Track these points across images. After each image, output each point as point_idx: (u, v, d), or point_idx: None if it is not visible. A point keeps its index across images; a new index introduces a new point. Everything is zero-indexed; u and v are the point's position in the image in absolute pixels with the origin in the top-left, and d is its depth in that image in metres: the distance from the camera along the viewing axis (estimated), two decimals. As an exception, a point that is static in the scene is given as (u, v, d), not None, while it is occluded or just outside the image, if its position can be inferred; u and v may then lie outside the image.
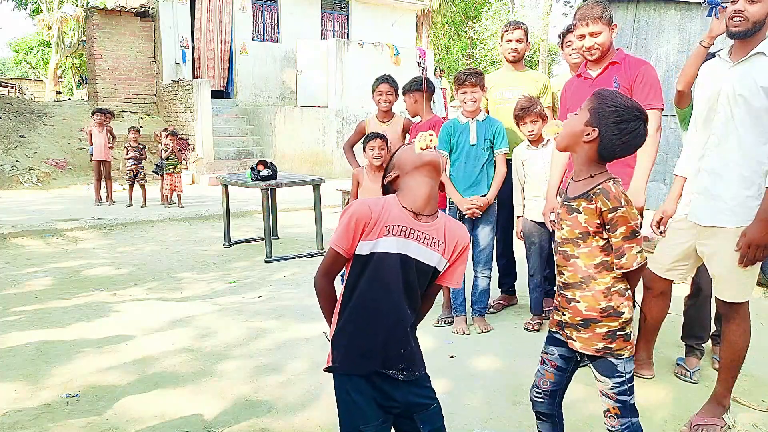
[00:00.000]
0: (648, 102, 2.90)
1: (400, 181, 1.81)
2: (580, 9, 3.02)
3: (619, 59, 3.00)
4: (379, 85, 4.31)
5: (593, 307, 1.92)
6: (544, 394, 2.13)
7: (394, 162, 1.85)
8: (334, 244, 1.71)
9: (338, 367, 1.76)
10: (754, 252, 2.43)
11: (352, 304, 1.74)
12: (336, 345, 1.76)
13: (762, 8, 2.44)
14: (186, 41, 14.13)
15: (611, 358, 1.93)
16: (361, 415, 1.73)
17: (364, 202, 1.73)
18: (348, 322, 1.74)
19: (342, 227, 1.69)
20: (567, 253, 1.98)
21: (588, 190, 1.88)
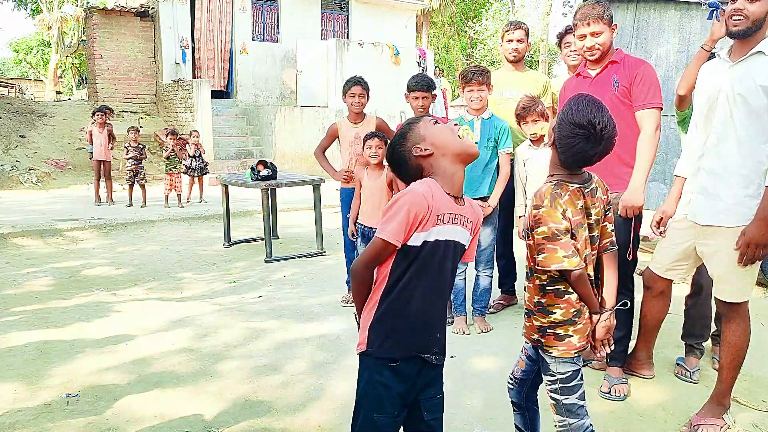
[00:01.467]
0: (647, 101, 2.90)
1: (433, 162, 1.76)
2: (580, 9, 3.01)
3: (619, 59, 3.00)
4: (351, 87, 4.26)
5: (531, 299, 2.04)
6: (514, 381, 2.20)
7: (426, 137, 1.77)
8: (390, 237, 1.65)
9: (375, 351, 1.73)
10: (753, 251, 2.43)
11: (397, 291, 1.72)
12: (375, 331, 1.73)
13: (761, 7, 2.44)
14: (186, 41, 14.13)
15: (544, 353, 2.01)
16: (381, 403, 1.74)
17: (418, 192, 1.66)
18: (391, 310, 1.72)
19: (400, 219, 1.64)
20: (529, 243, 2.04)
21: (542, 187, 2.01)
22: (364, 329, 1.76)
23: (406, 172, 1.81)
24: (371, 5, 16.96)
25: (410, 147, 1.78)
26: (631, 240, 2.96)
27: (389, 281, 1.73)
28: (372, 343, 1.73)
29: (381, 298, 1.74)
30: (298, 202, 8.74)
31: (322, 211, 6.24)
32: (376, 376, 1.73)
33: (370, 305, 1.76)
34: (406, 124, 1.85)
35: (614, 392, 2.90)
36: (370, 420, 1.74)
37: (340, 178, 4.41)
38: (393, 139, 1.84)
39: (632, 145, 2.93)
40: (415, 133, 1.79)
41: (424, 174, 1.77)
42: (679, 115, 3.37)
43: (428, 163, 1.76)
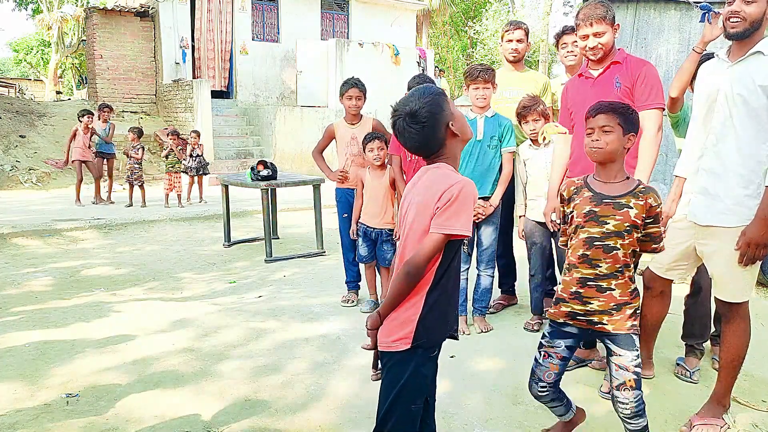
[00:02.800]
0: (649, 102, 2.90)
1: (454, 144, 1.80)
2: (583, 9, 3.01)
3: (621, 59, 3.00)
4: (348, 90, 4.28)
5: (626, 292, 2.16)
6: (549, 386, 2.26)
7: (456, 117, 1.78)
8: (465, 230, 1.69)
9: (425, 342, 1.77)
10: (753, 251, 2.43)
11: (442, 282, 1.76)
12: (425, 324, 1.75)
13: (758, 8, 2.44)
14: (186, 41, 14.14)
15: (634, 333, 2.18)
16: (420, 392, 1.80)
17: (470, 182, 1.72)
18: (441, 299, 1.77)
19: (468, 212, 1.69)
20: (610, 245, 2.14)
21: (633, 189, 2.16)
22: (409, 323, 1.75)
23: (428, 140, 1.78)
24: (371, 5, 16.96)
25: (447, 120, 1.77)
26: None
27: (437, 275, 1.75)
28: (421, 336, 1.76)
29: (428, 294, 1.75)
30: (298, 202, 8.74)
31: (322, 211, 6.23)
32: (422, 369, 1.78)
33: (409, 303, 1.76)
34: (436, 95, 1.78)
35: (614, 392, 2.90)
36: (408, 410, 1.78)
37: (335, 178, 4.42)
38: (427, 101, 1.76)
39: (634, 145, 2.92)
40: (450, 108, 1.79)
41: (442, 151, 1.79)
42: (671, 118, 3.37)
43: (451, 142, 1.80)
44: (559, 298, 2.24)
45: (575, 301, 2.19)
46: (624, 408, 2.16)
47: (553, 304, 2.27)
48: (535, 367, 2.28)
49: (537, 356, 2.29)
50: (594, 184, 2.21)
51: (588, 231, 2.16)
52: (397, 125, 1.79)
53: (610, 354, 2.20)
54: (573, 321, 2.22)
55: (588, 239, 2.16)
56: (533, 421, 2.69)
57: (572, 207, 2.23)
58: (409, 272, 1.73)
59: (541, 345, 2.28)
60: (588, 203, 2.17)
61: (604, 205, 2.16)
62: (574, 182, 2.28)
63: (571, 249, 2.23)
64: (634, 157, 2.93)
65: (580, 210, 2.18)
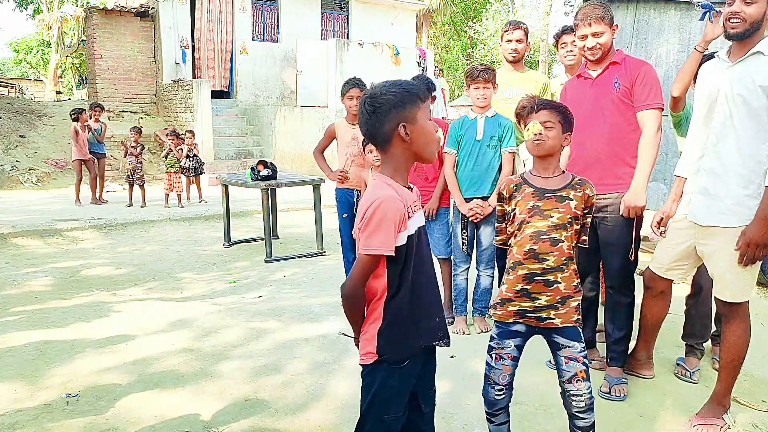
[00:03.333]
0: (648, 102, 2.90)
1: (402, 151, 1.71)
2: (581, 9, 3.01)
3: (620, 59, 3.00)
4: (349, 90, 4.28)
5: (570, 285, 2.17)
6: (505, 389, 2.25)
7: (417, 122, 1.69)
8: (382, 249, 1.62)
9: (389, 357, 1.72)
10: (753, 251, 2.43)
11: (400, 295, 1.71)
12: (386, 337, 1.71)
13: (758, 9, 2.44)
14: (186, 41, 14.14)
15: (579, 326, 2.21)
16: (393, 404, 1.75)
17: (391, 196, 1.64)
18: (399, 312, 1.71)
19: (385, 229, 1.61)
20: (556, 238, 2.15)
21: (571, 182, 2.21)
22: (372, 339, 1.73)
23: (374, 129, 1.71)
24: (371, 5, 16.96)
25: (401, 120, 1.68)
26: (633, 240, 2.96)
27: (390, 290, 1.71)
28: (384, 350, 1.72)
29: (385, 307, 1.72)
30: (298, 202, 8.74)
31: (322, 211, 6.24)
32: (389, 381, 1.74)
33: (371, 318, 1.74)
34: (408, 92, 1.69)
35: (614, 392, 2.90)
36: (381, 422, 1.75)
37: (335, 178, 4.43)
38: (393, 91, 1.69)
39: (633, 145, 2.93)
40: (415, 113, 1.69)
41: (387, 149, 1.71)
42: (673, 117, 3.37)
43: (398, 146, 1.71)
44: (505, 299, 2.21)
45: (522, 299, 2.17)
46: (578, 401, 2.14)
47: (499, 306, 2.23)
48: (489, 371, 2.25)
49: (488, 360, 2.26)
50: (533, 179, 2.23)
51: (534, 225, 2.16)
52: (359, 104, 1.77)
53: (558, 348, 2.19)
54: (522, 319, 2.20)
55: (534, 233, 2.15)
56: (533, 421, 2.69)
57: (514, 204, 2.23)
58: (344, 296, 1.72)
59: (491, 348, 2.25)
60: (531, 198, 2.18)
61: (546, 199, 2.17)
62: (512, 180, 2.27)
63: (516, 246, 2.20)
64: (633, 156, 2.93)
65: (524, 206, 2.19)
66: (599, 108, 2.98)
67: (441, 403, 2.83)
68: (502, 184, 2.31)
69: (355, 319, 1.76)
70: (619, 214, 2.92)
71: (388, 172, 1.73)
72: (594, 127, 2.96)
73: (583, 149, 3.00)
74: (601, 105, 2.98)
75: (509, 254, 2.26)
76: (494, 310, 2.26)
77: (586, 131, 2.95)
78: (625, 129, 2.94)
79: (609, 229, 2.98)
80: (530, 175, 2.25)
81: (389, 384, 1.74)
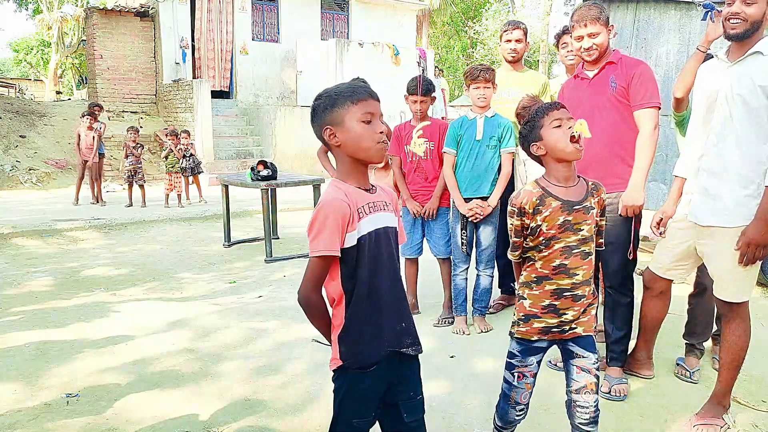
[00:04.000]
0: (645, 101, 2.91)
1: (339, 153, 1.71)
2: (577, 11, 3.02)
3: (616, 59, 3.01)
4: None
5: (590, 294, 2.09)
6: (525, 407, 2.16)
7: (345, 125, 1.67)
8: (325, 250, 1.61)
9: (352, 363, 1.70)
10: (753, 251, 2.43)
11: (354, 298, 1.67)
12: (346, 343, 1.70)
13: (758, 9, 2.44)
14: (186, 41, 14.14)
15: (595, 333, 2.12)
16: (361, 408, 1.73)
17: (333, 199, 1.64)
18: (355, 317, 1.69)
19: (328, 230, 1.60)
20: (586, 251, 2.06)
21: (588, 188, 2.08)
22: (334, 345, 1.72)
23: (315, 132, 1.73)
24: (371, 5, 16.96)
25: (324, 125, 1.69)
26: (632, 240, 2.97)
27: (345, 294, 1.68)
28: (345, 356, 1.70)
29: (345, 312, 1.69)
30: (298, 202, 8.74)
31: (322, 211, 6.22)
32: (356, 384, 1.71)
33: (335, 324, 1.72)
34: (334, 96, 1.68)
35: (614, 392, 2.90)
36: (350, 426, 1.73)
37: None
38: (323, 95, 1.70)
39: (632, 144, 2.93)
40: (338, 116, 1.67)
41: (334, 153, 1.73)
42: (676, 117, 3.37)
43: (337, 152, 1.72)
44: (530, 314, 2.08)
45: (549, 315, 2.06)
46: (584, 413, 2.05)
47: (522, 322, 2.10)
48: (510, 391, 2.12)
49: (509, 378, 2.13)
50: (556, 190, 2.05)
51: (564, 240, 2.03)
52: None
53: (571, 357, 2.09)
54: (547, 336, 2.09)
55: (565, 248, 2.03)
56: (533, 422, 2.69)
57: (540, 220, 2.03)
58: (300, 302, 1.70)
59: (512, 366, 2.12)
60: (560, 213, 2.02)
61: (575, 213, 2.03)
62: (532, 192, 2.05)
63: (542, 261, 2.05)
64: (632, 156, 2.93)
65: (553, 222, 2.02)
66: (597, 108, 2.99)
67: (441, 403, 2.84)
68: (519, 196, 2.06)
69: (319, 324, 1.74)
70: (618, 213, 2.92)
71: (340, 175, 1.73)
72: (592, 127, 2.95)
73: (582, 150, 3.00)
74: (599, 105, 2.99)
75: (528, 267, 2.12)
76: (517, 327, 2.12)
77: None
78: (622, 128, 2.95)
79: (608, 229, 2.95)
80: (550, 184, 2.06)
81: (355, 389, 1.71)
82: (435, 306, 4.15)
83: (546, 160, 2.09)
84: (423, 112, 3.96)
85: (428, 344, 3.58)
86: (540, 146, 2.07)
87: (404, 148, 4.01)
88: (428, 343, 3.60)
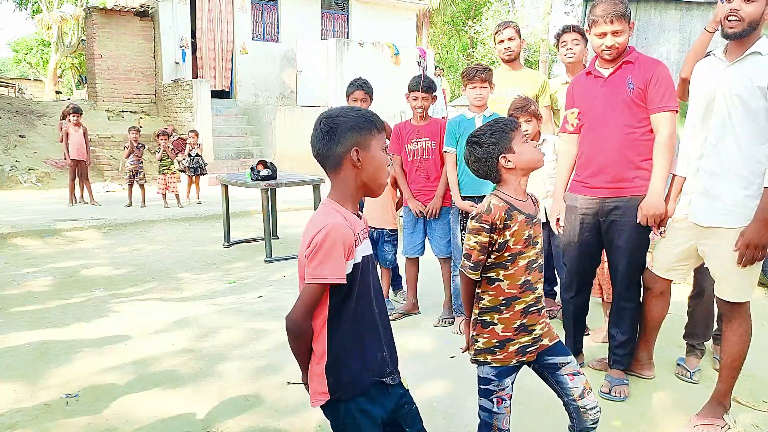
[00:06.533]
0: (663, 104, 2.80)
1: (354, 177, 1.65)
2: (601, 4, 2.84)
3: (633, 58, 2.87)
4: (354, 91, 4.25)
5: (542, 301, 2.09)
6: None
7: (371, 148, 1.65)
8: (332, 278, 1.55)
9: (344, 393, 1.64)
10: (752, 252, 2.42)
11: (342, 326, 1.63)
12: (335, 373, 1.63)
13: (757, 8, 2.43)
14: (186, 41, 14.13)
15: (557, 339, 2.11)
16: (366, 430, 1.66)
17: (339, 224, 1.58)
18: (343, 346, 1.63)
19: (336, 256, 1.54)
20: (540, 263, 2.04)
21: (534, 200, 2.09)
22: (320, 377, 1.64)
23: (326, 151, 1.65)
24: (371, 5, 16.95)
25: (353, 145, 1.62)
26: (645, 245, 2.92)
27: (332, 323, 1.63)
28: (336, 389, 1.63)
29: (328, 341, 1.64)
30: (298, 202, 8.73)
31: (322, 211, 6.22)
32: (353, 407, 1.64)
33: (316, 355, 1.66)
34: (369, 120, 1.65)
35: (614, 392, 2.90)
36: None
37: None
38: (353, 115, 1.65)
39: (643, 147, 2.83)
40: (370, 140, 1.64)
41: (337, 172, 1.66)
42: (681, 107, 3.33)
43: (348, 171, 1.65)
44: (504, 340, 1.99)
45: (521, 335, 1.99)
46: (594, 413, 2.02)
47: (498, 349, 2.00)
48: (490, 419, 2.01)
49: (488, 406, 2.01)
50: (518, 204, 1.98)
51: (527, 256, 1.98)
52: (315, 123, 1.69)
53: (557, 369, 2.03)
54: (525, 356, 2.01)
55: (528, 264, 1.98)
56: (533, 422, 2.69)
57: (509, 235, 1.94)
58: (289, 329, 1.64)
59: (490, 392, 2.01)
60: (525, 227, 1.96)
61: (535, 225, 2.01)
62: (499, 207, 1.94)
63: (509, 280, 1.97)
64: (645, 159, 2.83)
65: (520, 237, 1.95)
66: (611, 108, 2.87)
67: (441, 403, 2.84)
68: (491, 212, 1.94)
69: (300, 352, 1.67)
70: (632, 218, 2.83)
71: (336, 197, 1.67)
72: (606, 128, 2.88)
73: (595, 150, 2.91)
74: (614, 105, 2.87)
75: (492, 290, 1.99)
76: (492, 355, 2.00)
77: (598, 131, 2.89)
78: (637, 131, 2.84)
79: (619, 232, 2.90)
80: (512, 198, 1.98)
81: (353, 415, 1.65)
82: (435, 306, 4.15)
83: (510, 174, 1.99)
84: (424, 110, 3.95)
85: (428, 344, 3.58)
86: (509, 159, 1.96)
87: (405, 148, 4.00)
88: (428, 343, 3.60)
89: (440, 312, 4.03)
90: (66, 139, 9.13)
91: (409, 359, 3.29)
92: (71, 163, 9.15)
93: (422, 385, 2.99)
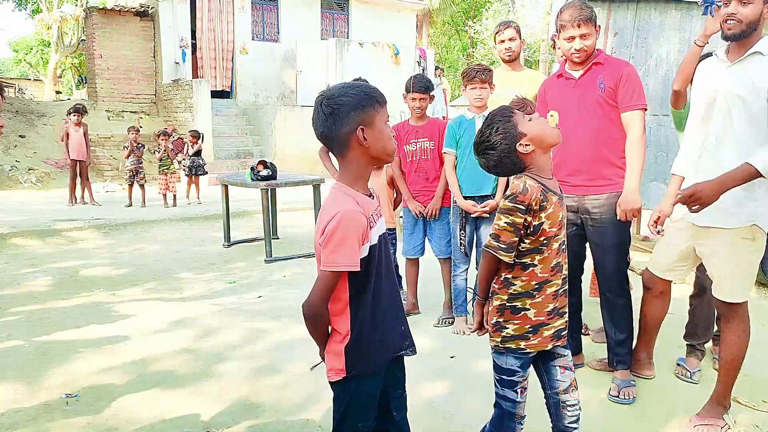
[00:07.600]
0: (633, 103, 2.88)
1: (361, 156, 1.66)
2: (567, 10, 2.94)
3: (602, 60, 2.97)
4: None
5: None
6: (522, 419, 2.05)
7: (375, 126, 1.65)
8: (347, 266, 1.58)
9: (358, 372, 1.69)
10: (692, 202, 2.37)
11: (363, 307, 1.66)
12: (354, 353, 1.68)
13: (754, 9, 2.43)
14: (186, 41, 14.13)
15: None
16: (365, 413, 1.73)
17: (352, 211, 1.59)
18: (364, 326, 1.67)
19: (350, 244, 1.56)
20: (567, 244, 2.03)
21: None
22: (339, 355, 1.69)
23: (330, 132, 1.64)
24: (371, 5, 16.95)
25: (358, 124, 1.61)
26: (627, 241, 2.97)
27: (353, 306, 1.66)
28: (352, 366, 1.68)
29: (351, 322, 1.67)
30: (298, 202, 8.73)
31: (322, 211, 6.22)
32: (361, 390, 1.71)
33: (336, 334, 1.70)
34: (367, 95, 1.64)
35: (623, 395, 2.89)
36: (356, 430, 1.73)
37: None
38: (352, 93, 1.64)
39: (618, 146, 2.91)
40: (372, 118, 1.64)
41: (345, 153, 1.66)
42: (675, 115, 3.35)
43: (355, 152, 1.65)
44: (537, 324, 1.94)
45: (555, 318, 1.96)
46: (573, 411, 2.01)
47: (532, 335, 1.94)
48: (514, 408, 2.00)
49: (512, 396, 1.99)
50: (549, 183, 1.92)
51: (559, 238, 1.94)
52: (315, 104, 1.68)
53: (554, 358, 2.00)
54: (559, 341, 1.99)
55: (559, 246, 1.95)
56: (533, 422, 2.69)
57: (544, 217, 1.87)
58: (306, 315, 1.66)
59: (515, 383, 1.99)
60: (560, 208, 1.91)
61: (564, 206, 1.97)
62: (535, 187, 1.87)
63: (542, 264, 1.92)
64: (620, 157, 2.91)
65: (555, 219, 1.89)
66: (584, 108, 2.95)
67: (441, 403, 2.84)
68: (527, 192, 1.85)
69: (319, 335, 1.72)
70: (612, 215, 2.89)
71: (346, 180, 1.67)
72: (580, 128, 2.94)
73: (570, 151, 2.95)
74: (587, 105, 2.95)
75: (525, 275, 1.93)
76: (526, 341, 1.95)
77: (572, 132, 2.92)
78: (610, 129, 2.92)
79: (602, 230, 2.94)
80: (542, 178, 1.91)
81: (360, 395, 1.71)
82: (435, 306, 4.15)
83: (531, 156, 1.90)
84: (422, 110, 3.95)
85: (428, 344, 3.58)
86: (525, 142, 1.88)
87: (403, 148, 4.00)
88: (428, 343, 3.60)
89: (440, 312, 4.03)
90: (66, 138, 9.14)
91: (409, 359, 3.28)
92: (71, 163, 9.15)
93: (422, 385, 2.99)
